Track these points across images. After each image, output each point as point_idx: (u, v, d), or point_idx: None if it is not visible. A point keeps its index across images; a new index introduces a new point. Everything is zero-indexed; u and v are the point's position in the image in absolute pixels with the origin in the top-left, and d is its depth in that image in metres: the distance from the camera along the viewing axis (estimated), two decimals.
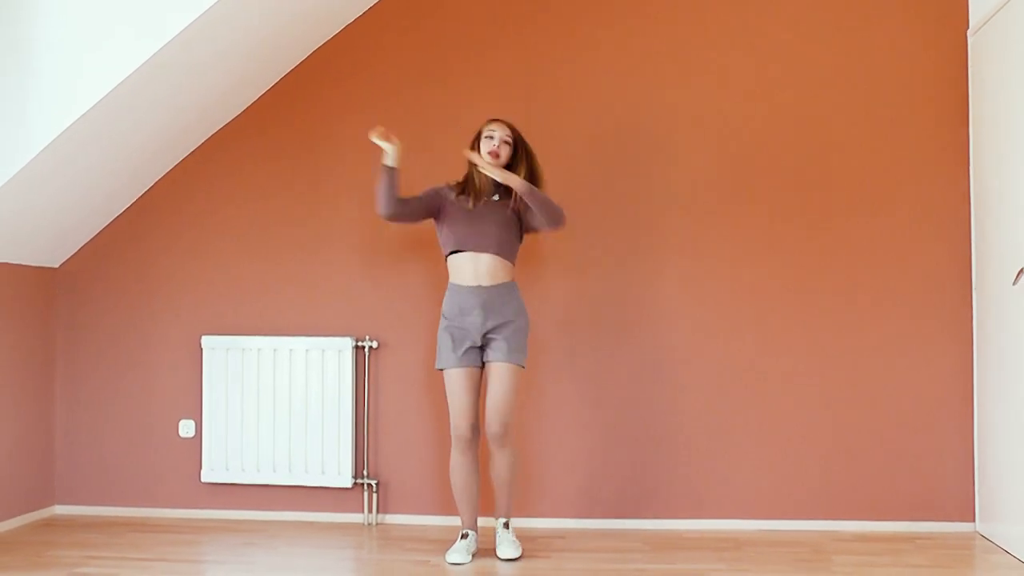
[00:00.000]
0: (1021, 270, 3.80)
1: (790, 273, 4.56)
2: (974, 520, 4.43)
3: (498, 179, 4.01)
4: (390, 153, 4.02)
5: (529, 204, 4.01)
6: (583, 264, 4.62)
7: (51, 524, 4.68)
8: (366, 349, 4.70)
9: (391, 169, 4.02)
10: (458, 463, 4.07)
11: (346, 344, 4.66)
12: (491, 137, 4.08)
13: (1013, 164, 4.00)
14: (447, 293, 4.12)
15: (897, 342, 4.50)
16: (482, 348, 4.05)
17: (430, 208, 4.14)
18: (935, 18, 4.53)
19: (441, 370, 4.09)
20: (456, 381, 4.03)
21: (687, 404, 4.57)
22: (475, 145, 4.12)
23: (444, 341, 4.06)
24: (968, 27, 4.49)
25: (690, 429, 4.57)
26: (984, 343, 4.35)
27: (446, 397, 4.09)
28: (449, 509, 4.51)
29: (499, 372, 4.01)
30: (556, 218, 4.06)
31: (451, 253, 4.08)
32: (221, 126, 4.85)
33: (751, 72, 4.60)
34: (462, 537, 4.08)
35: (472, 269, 4.04)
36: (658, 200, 4.61)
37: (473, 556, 4.05)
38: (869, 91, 4.55)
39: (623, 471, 4.59)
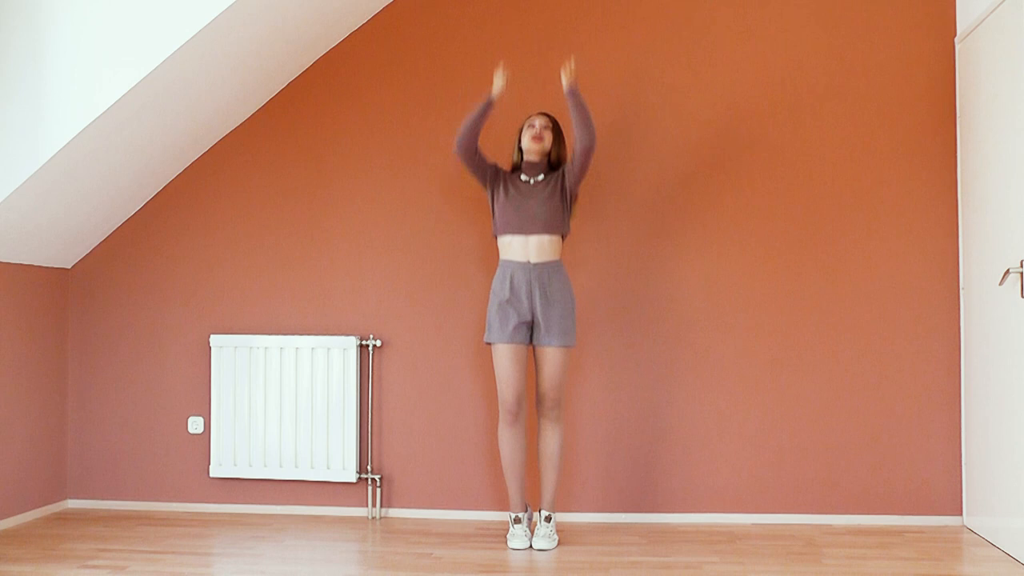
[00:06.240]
0: (1007, 271, 3.85)
1: (781, 274, 4.61)
2: (961, 514, 4.49)
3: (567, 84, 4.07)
4: (498, 87, 4.12)
5: (573, 106, 4.07)
6: (580, 261, 4.67)
7: (63, 518, 4.73)
8: (370, 348, 4.75)
9: (491, 103, 4.12)
10: (505, 435, 4.15)
11: (351, 343, 4.72)
12: (532, 126, 4.23)
13: (999, 167, 4.06)
14: (498, 270, 4.18)
15: (887, 341, 4.56)
16: (531, 325, 4.12)
17: (488, 174, 4.23)
18: (924, 25, 4.58)
19: (489, 344, 4.16)
20: (504, 355, 4.11)
21: (683, 402, 4.63)
22: (519, 138, 4.26)
23: (493, 316, 4.14)
24: (956, 34, 4.55)
25: (686, 426, 4.62)
26: (971, 342, 4.41)
27: (494, 371, 4.15)
28: (450, 503, 4.63)
29: (552, 356, 4.11)
30: (592, 130, 4.10)
31: (503, 234, 4.17)
32: (229, 131, 4.90)
33: (742, 77, 4.65)
34: (515, 522, 4.16)
35: (522, 246, 4.12)
36: (649, 202, 4.65)
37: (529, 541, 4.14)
38: (859, 96, 4.60)
39: (621, 467, 4.64)
